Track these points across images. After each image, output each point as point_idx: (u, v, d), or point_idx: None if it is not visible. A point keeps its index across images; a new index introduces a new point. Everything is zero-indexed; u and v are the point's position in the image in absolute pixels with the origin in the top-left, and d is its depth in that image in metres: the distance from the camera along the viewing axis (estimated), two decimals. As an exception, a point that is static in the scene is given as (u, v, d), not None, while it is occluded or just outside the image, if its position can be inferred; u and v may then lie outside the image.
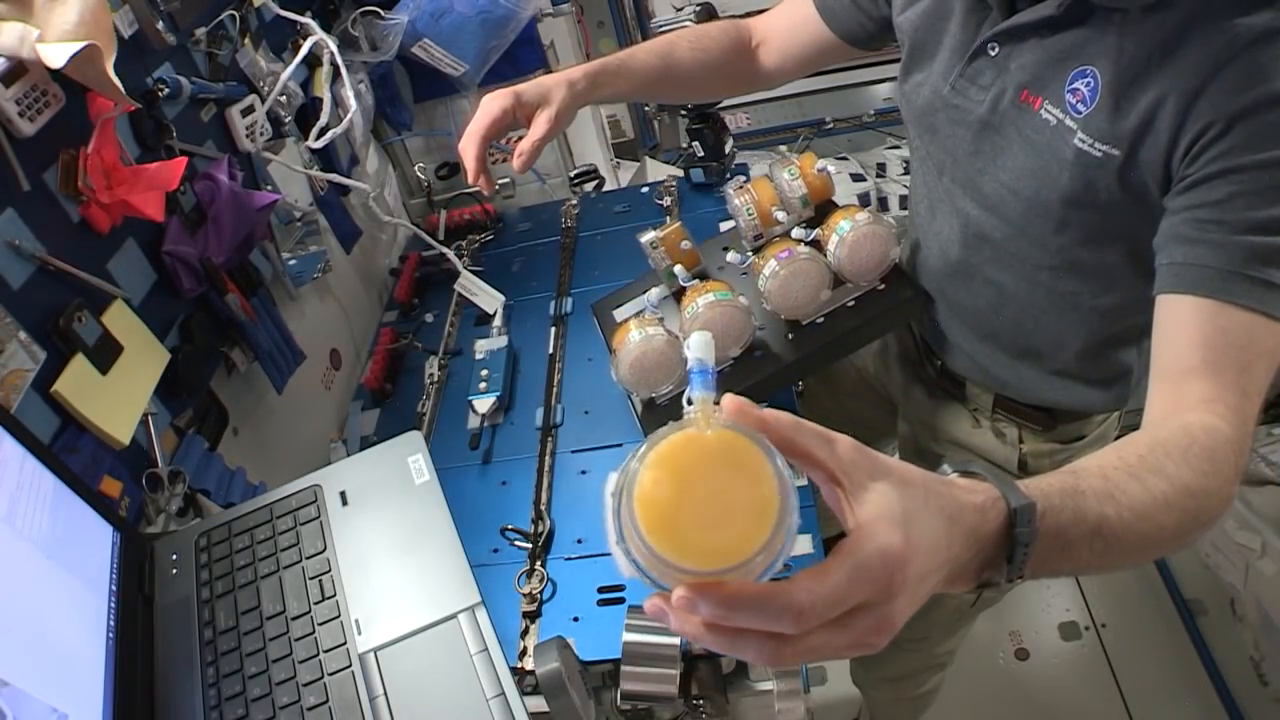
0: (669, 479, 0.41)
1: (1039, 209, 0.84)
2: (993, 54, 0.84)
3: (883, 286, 1.05)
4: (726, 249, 1.16)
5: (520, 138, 0.97)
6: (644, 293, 1.16)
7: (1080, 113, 0.77)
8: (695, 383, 0.44)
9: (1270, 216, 0.67)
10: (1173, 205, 0.73)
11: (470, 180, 0.98)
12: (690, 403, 0.43)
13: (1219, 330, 0.67)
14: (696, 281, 1.06)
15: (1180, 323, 0.69)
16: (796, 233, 1.07)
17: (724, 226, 1.36)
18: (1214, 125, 0.68)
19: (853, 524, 0.45)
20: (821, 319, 1.06)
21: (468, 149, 0.97)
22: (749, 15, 1.16)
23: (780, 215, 1.07)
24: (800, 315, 1.05)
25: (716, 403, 0.43)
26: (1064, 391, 1.00)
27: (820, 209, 1.09)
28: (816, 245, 1.05)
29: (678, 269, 1.08)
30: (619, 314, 1.18)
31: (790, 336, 1.06)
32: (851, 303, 1.05)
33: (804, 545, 0.94)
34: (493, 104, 0.96)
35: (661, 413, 1.03)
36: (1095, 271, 0.87)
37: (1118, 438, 0.84)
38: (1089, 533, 0.55)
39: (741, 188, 1.10)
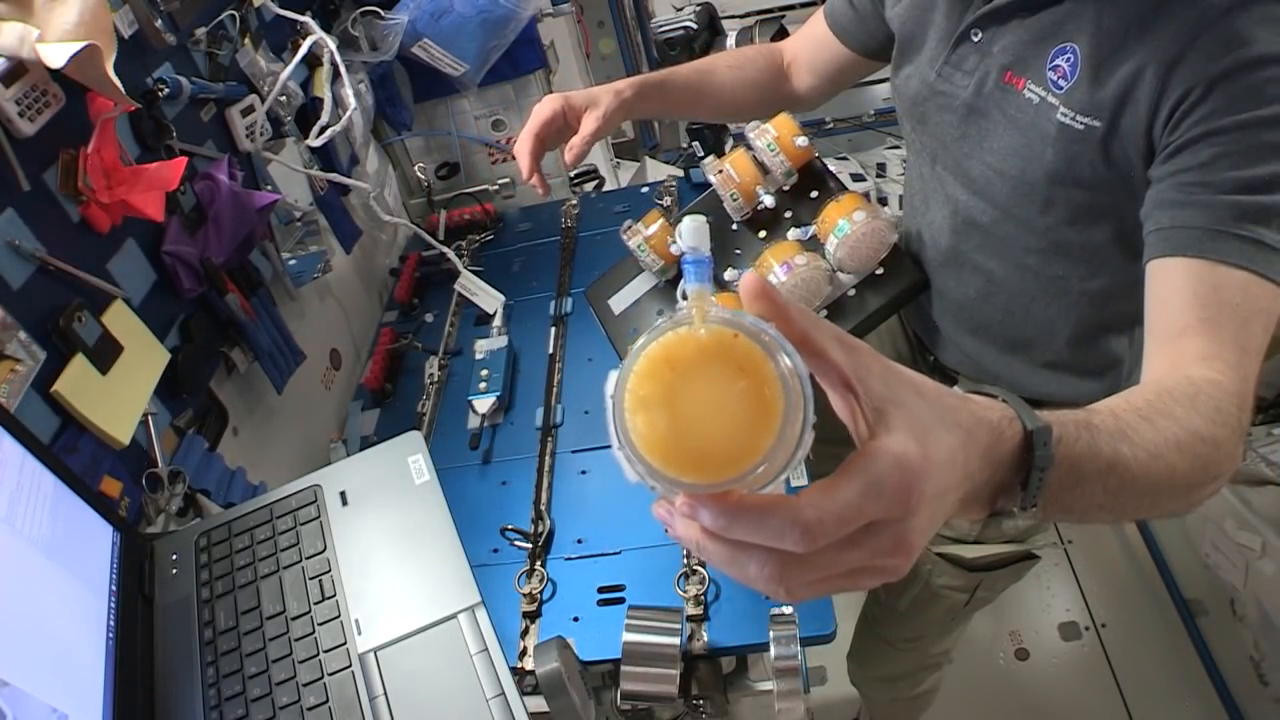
0: (660, 385, 0.37)
1: (1024, 189, 0.85)
2: (976, 39, 0.86)
3: (881, 271, 1.05)
4: (710, 218, 1.15)
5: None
6: (636, 274, 1.16)
7: (1061, 88, 0.78)
8: (689, 274, 0.40)
9: (1255, 175, 0.67)
10: (1157, 174, 0.73)
11: (525, 178, 1.03)
12: (684, 297, 0.39)
13: (1212, 289, 0.67)
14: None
15: (1173, 285, 0.69)
16: (793, 233, 1.06)
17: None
18: (1194, 90, 0.69)
19: (865, 433, 0.41)
20: (824, 314, 1.06)
21: (522, 148, 1.02)
22: (747, 15, 1.17)
23: (767, 199, 1.07)
24: None
25: (714, 294, 0.40)
26: (1055, 384, 1.01)
27: (804, 173, 1.08)
28: (813, 237, 1.05)
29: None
30: (615, 304, 1.18)
31: None
32: (852, 292, 1.05)
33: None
34: (544, 107, 1.02)
35: None
36: (1083, 253, 0.88)
37: None
38: (1104, 468, 0.53)
39: (721, 172, 1.09)
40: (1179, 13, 0.70)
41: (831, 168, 1.09)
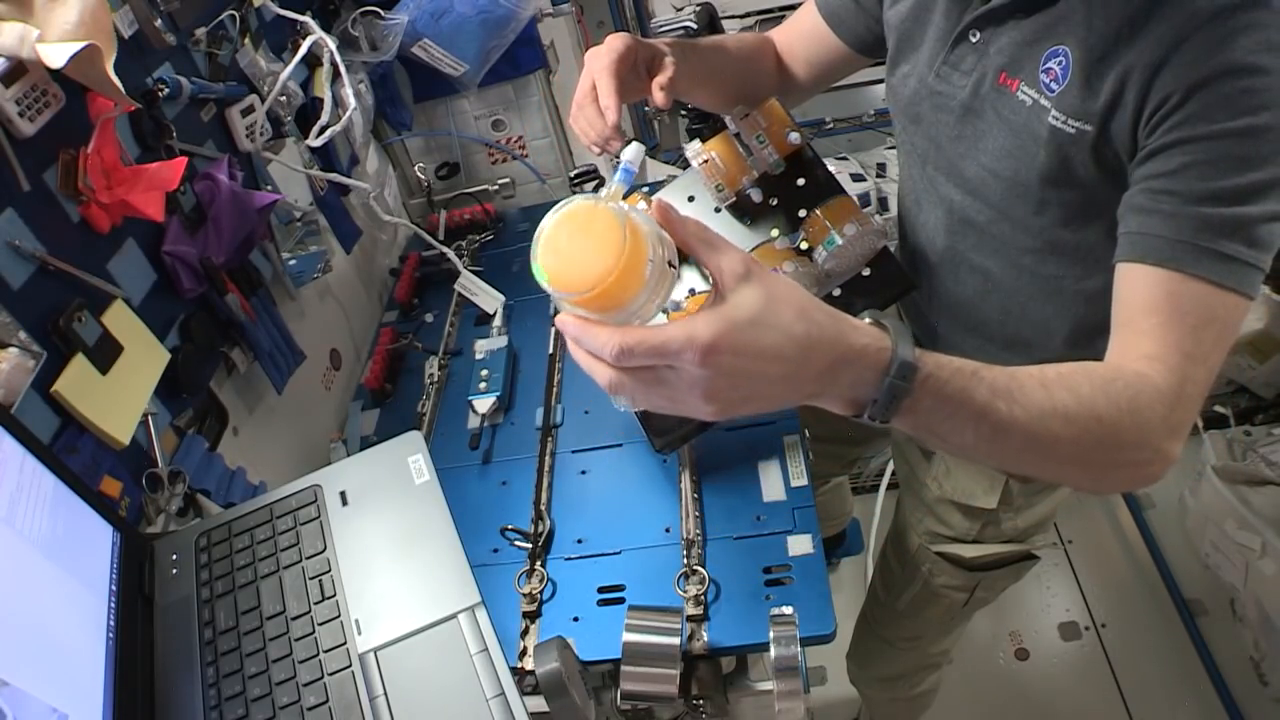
0: (561, 233, 0.57)
1: (1019, 190, 0.85)
2: (974, 40, 0.86)
3: (868, 273, 1.04)
4: (691, 199, 1.12)
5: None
6: None
7: (1053, 91, 0.79)
8: (617, 176, 0.62)
9: (1221, 187, 0.68)
10: (1133, 176, 0.74)
11: (609, 124, 0.85)
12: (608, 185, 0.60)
13: (1167, 296, 0.69)
14: (687, 299, 1.04)
15: (1133, 288, 0.72)
16: (781, 243, 1.05)
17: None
18: (1173, 96, 0.70)
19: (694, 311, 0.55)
20: None
21: (603, 84, 0.85)
22: (748, 15, 1.16)
23: (754, 192, 1.05)
24: None
25: (626, 196, 0.60)
26: None
27: (791, 160, 1.05)
28: (802, 240, 1.04)
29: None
30: None
31: None
32: (837, 292, 1.04)
33: (804, 546, 0.94)
34: (617, 42, 0.88)
35: (660, 419, 1.02)
36: (1077, 253, 0.88)
37: None
38: (974, 414, 0.62)
39: (707, 162, 1.06)
40: (1168, 16, 0.71)
41: (831, 167, 1.08)
